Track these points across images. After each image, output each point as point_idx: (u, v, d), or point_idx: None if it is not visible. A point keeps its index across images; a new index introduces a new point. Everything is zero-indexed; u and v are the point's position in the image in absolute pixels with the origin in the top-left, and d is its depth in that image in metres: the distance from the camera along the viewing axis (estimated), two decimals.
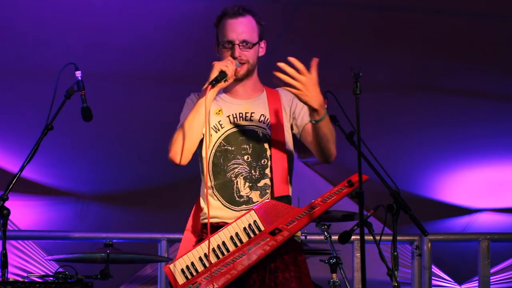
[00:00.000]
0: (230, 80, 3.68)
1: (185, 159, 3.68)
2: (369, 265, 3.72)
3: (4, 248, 3.85)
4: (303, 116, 3.75)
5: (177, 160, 3.67)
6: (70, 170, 6.95)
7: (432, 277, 6.42)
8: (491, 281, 6.47)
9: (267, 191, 3.71)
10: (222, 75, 3.63)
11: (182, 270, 3.57)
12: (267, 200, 3.67)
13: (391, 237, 4.21)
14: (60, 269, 4.34)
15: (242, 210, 3.67)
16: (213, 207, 3.72)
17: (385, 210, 4.01)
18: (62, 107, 4.07)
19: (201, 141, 3.74)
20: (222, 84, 3.66)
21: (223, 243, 3.58)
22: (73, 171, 6.97)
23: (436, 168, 7.21)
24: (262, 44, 3.82)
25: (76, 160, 6.86)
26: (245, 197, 3.70)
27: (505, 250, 7.12)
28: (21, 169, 3.99)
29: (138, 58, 6.23)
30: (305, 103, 3.51)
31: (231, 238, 3.58)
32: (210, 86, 3.60)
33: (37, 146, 4.02)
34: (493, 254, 6.39)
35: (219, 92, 3.76)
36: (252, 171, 3.70)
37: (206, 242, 3.57)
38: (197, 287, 3.53)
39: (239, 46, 3.72)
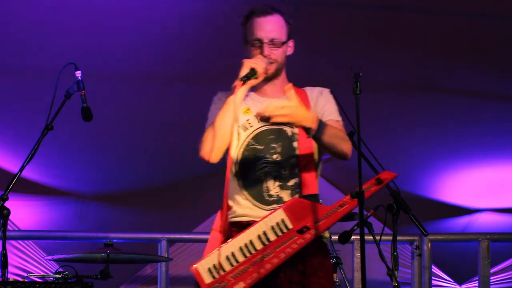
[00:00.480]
0: (261, 78, 3.66)
1: (216, 157, 3.67)
2: (369, 265, 3.72)
3: (4, 248, 3.85)
4: (322, 115, 3.73)
5: (207, 158, 3.65)
6: (70, 170, 6.95)
7: (432, 277, 6.42)
8: (491, 281, 6.47)
9: (297, 190, 3.68)
10: (252, 72, 3.62)
11: (209, 269, 3.52)
12: (295, 198, 3.64)
13: (391, 237, 4.21)
14: (60, 269, 4.33)
15: (272, 209, 3.63)
16: (242, 206, 3.69)
17: (385, 210, 4.01)
18: (62, 107, 4.07)
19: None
20: (253, 82, 3.65)
21: (251, 241, 3.54)
22: (73, 171, 6.97)
23: (436, 168, 7.21)
24: (290, 43, 3.81)
25: (76, 160, 6.86)
26: (275, 196, 3.67)
27: (505, 250, 7.12)
28: (21, 169, 4.00)
29: (138, 58, 6.23)
30: (298, 125, 3.52)
31: (259, 236, 3.55)
32: (241, 82, 3.60)
33: (37, 146, 4.02)
34: (493, 254, 6.39)
35: (247, 91, 3.75)
36: (282, 170, 3.68)
37: (233, 240, 3.54)
38: (225, 286, 3.48)
39: (268, 44, 3.71)
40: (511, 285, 7.25)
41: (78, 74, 4.12)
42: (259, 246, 3.54)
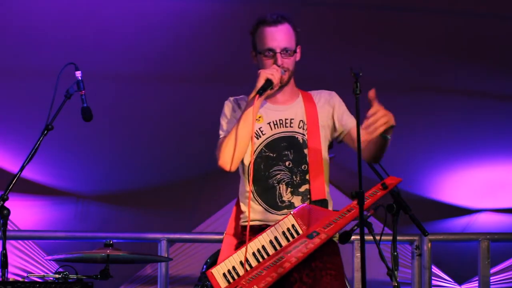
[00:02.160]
0: (276, 88, 3.74)
1: (235, 166, 3.77)
2: (369, 265, 3.73)
3: (4, 248, 3.86)
4: (346, 120, 3.83)
5: (227, 168, 3.76)
6: (70, 170, 6.95)
7: (432, 277, 6.42)
8: (491, 281, 6.47)
9: (308, 196, 3.79)
10: (269, 83, 3.68)
11: (224, 274, 3.66)
12: (304, 204, 3.74)
13: (391, 237, 4.22)
14: (60, 269, 4.33)
15: (284, 214, 3.74)
16: (255, 210, 3.79)
17: (385, 210, 4.02)
18: (62, 107, 4.07)
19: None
20: (269, 92, 3.71)
21: (263, 247, 3.68)
22: (73, 171, 6.97)
23: (436, 168, 7.21)
24: (298, 49, 3.87)
25: (76, 160, 6.86)
26: (287, 202, 3.78)
27: (505, 250, 7.12)
28: (21, 169, 4.00)
29: (138, 58, 6.23)
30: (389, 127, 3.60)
31: (271, 242, 3.68)
32: (257, 95, 3.66)
33: (37, 146, 4.02)
34: (493, 254, 6.39)
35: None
36: (293, 177, 3.78)
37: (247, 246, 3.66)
38: None
39: (281, 54, 3.76)
40: (511, 285, 7.24)
41: (78, 74, 4.12)
42: (271, 251, 3.67)
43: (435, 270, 7.09)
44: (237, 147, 3.71)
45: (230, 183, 7.26)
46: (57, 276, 4.27)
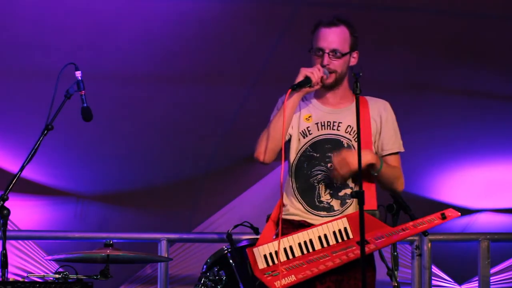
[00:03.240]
0: (316, 87, 3.80)
1: (269, 158, 3.84)
2: None
3: (4, 248, 3.86)
4: (386, 144, 3.94)
5: (261, 159, 3.84)
6: (70, 170, 6.95)
7: (432, 277, 6.41)
8: (491, 281, 6.46)
9: (347, 201, 3.85)
10: (306, 80, 3.75)
11: (265, 256, 3.68)
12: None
13: None
14: (60, 269, 4.33)
15: (322, 216, 3.82)
16: (295, 206, 3.86)
17: (385, 210, 4.03)
18: (62, 107, 4.08)
19: (288, 143, 3.90)
20: (307, 90, 3.79)
21: (310, 240, 3.71)
22: (73, 171, 6.97)
23: (436, 168, 7.21)
24: (355, 55, 3.93)
25: (76, 160, 6.86)
26: (325, 203, 3.84)
27: (505, 250, 7.12)
28: (21, 169, 4.00)
29: (138, 58, 6.22)
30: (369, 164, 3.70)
31: (319, 238, 3.72)
32: (289, 90, 3.74)
33: (37, 146, 4.02)
34: (493, 254, 6.39)
35: (310, 97, 3.91)
36: (334, 179, 3.83)
37: (294, 235, 3.71)
38: (276, 275, 3.63)
39: (329, 54, 3.83)
40: (511, 285, 7.24)
41: (78, 74, 4.12)
42: (317, 246, 3.71)
43: (435, 270, 7.09)
44: (271, 140, 3.78)
45: (230, 184, 7.27)
46: (57, 276, 4.26)
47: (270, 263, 3.66)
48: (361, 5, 6.07)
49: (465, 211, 7.53)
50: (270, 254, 3.68)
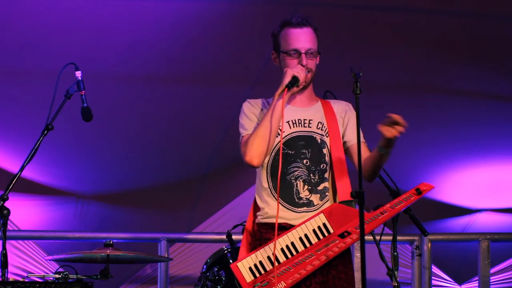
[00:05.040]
0: (301, 86, 3.83)
1: (262, 161, 3.83)
2: (369, 265, 3.73)
3: (4, 248, 3.86)
4: (350, 135, 3.95)
5: (255, 163, 3.81)
6: (70, 170, 6.95)
7: (432, 277, 6.42)
8: (491, 281, 6.47)
9: (327, 194, 3.86)
10: (295, 80, 3.79)
11: (250, 269, 3.65)
12: (335, 204, 3.80)
13: (391, 237, 4.22)
14: (60, 269, 4.33)
15: (303, 212, 3.81)
16: (273, 208, 3.83)
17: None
18: (62, 107, 4.08)
19: None
20: (294, 89, 3.81)
21: (292, 243, 3.68)
22: (73, 171, 6.96)
23: (436, 168, 7.20)
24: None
25: (76, 160, 6.86)
26: (304, 199, 3.84)
27: (505, 250, 7.12)
28: (21, 169, 4.00)
29: (138, 58, 6.22)
30: (390, 138, 3.75)
31: (300, 239, 3.69)
32: (286, 89, 3.75)
33: (37, 146, 4.03)
34: (493, 254, 6.39)
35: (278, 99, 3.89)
36: (311, 175, 3.85)
37: (276, 241, 3.67)
38: (266, 285, 3.60)
39: (305, 54, 3.88)
40: (511, 285, 7.24)
41: (78, 74, 4.12)
42: (300, 248, 3.68)
43: (435, 270, 7.08)
44: (265, 143, 3.78)
45: (230, 184, 7.27)
46: (57, 276, 4.27)
47: (257, 274, 3.63)
48: (361, 5, 6.07)
49: (465, 211, 7.53)
50: (255, 265, 3.64)
